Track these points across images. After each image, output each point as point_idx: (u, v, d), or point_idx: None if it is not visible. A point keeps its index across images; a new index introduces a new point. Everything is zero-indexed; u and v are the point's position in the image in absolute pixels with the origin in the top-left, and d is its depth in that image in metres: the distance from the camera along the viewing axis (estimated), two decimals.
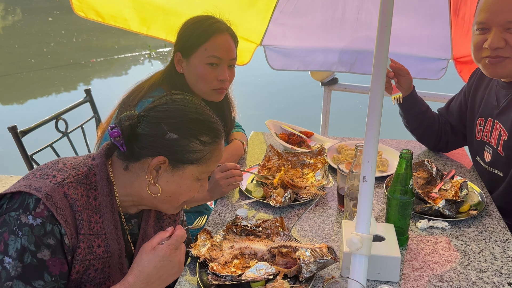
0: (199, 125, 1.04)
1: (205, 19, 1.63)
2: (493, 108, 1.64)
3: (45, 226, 0.93)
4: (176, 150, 1.01)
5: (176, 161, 1.02)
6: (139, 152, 1.03)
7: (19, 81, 7.66)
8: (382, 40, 1.11)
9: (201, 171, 1.06)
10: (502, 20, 1.44)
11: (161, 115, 1.03)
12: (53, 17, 13.26)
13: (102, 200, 1.04)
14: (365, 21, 2.36)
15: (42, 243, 0.93)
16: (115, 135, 1.01)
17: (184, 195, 1.07)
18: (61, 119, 2.02)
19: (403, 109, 1.86)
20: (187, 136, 1.02)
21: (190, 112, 1.04)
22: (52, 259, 0.94)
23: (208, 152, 1.05)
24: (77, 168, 1.03)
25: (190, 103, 1.06)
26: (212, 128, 1.05)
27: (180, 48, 1.63)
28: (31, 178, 0.99)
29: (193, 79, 1.64)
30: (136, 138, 1.02)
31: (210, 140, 1.04)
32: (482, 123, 1.69)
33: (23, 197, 0.94)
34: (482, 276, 1.25)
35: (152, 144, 1.01)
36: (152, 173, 1.03)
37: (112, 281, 1.07)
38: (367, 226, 1.11)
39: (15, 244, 0.91)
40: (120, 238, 1.08)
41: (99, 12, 1.97)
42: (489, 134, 1.64)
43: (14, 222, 0.92)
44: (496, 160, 1.61)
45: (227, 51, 1.62)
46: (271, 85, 7.26)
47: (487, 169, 1.68)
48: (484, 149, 1.68)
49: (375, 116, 1.13)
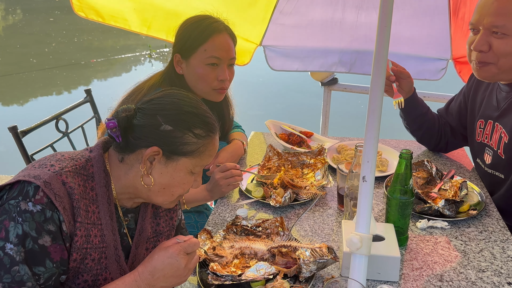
0: (193, 118, 1.06)
1: (203, 19, 1.63)
2: (494, 110, 1.63)
3: (45, 213, 0.94)
4: (170, 142, 1.03)
5: (170, 153, 1.04)
6: (134, 143, 1.05)
7: (21, 81, 7.66)
8: (382, 40, 1.11)
9: (195, 164, 1.07)
10: (488, 23, 1.44)
11: (157, 107, 1.05)
12: (54, 17, 13.26)
13: (98, 191, 1.06)
14: (365, 21, 2.36)
15: (43, 229, 0.94)
16: (112, 126, 1.03)
17: (177, 188, 1.08)
18: (61, 119, 2.03)
19: (404, 112, 1.87)
20: (181, 128, 1.04)
21: (185, 105, 1.06)
22: (53, 245, 0.96)
23: (202, 145, 1.06)
24: (75, 159, 1.05)
25: (185, 97, 1.09)
26: (206, 122, 1.07)
27: (179, 50, 1.63)
28: (29, 168, 1.01)
29: (193, 80, 1.64)
30: (131, 129, 1.05)
31: (204, 133, 1.06)
32: (482, 125, 1.68)
33: (22, 185, 0.96)
34: (481, 276, 1.25)
35: (147, 135, 1.04)
36: (146, 163, 1.04)
37: (108, 273, 1.08)
38: (367, 226, 1.12)
39: (15, 230, 0.92)
40: (115, 229, 1.09)
41: (99, 12, 1.97)
42: (489, 136, 1.63)
43: (13, 209, 0.93)
44: (497, 162, 1.60)
45: (226, 51, 1.62)
46: (271, 85, 7.26)
47: (487, 171, 1.67)
48: (484, 151, 1.67)
49: (375, 116, 1.13)
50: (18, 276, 0.91)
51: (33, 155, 1.86)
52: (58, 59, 8.99)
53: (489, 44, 1.45)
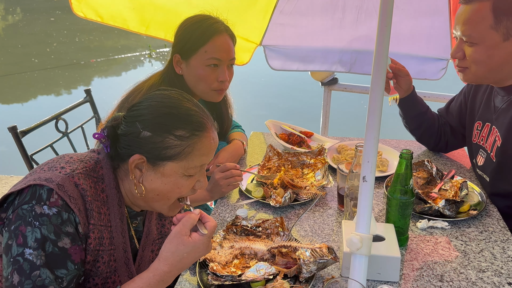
0: (172, 119, 1.02)
1: (203, 19, 1.62)
2: (491, 113, 1.64)
3: (62, 215, 0.93)
4: (152, 148, 1.01)
5: (154, 159, 1.02)
6: (121, 153, 1.04)
7: (23, 81, 7.66)
8: (382, 40, 1.11)
9: (185, 166, 1.03)
10: (459, 33, 1.50)
11: (135, 114, 1.03)
12: (55, 17, 13.26)
13: (109, 192, 1.05)
14: (365, 21, 2.36)
15: (62, 232, 0.93)
16: (98, 137, 1.03)
17: (172, 192, 1.05)
18: (61, 119, 2.03)
19: (403, 110, 1.87)
20: (159, 132, 1.01)
21: (162, 107, 1.03)
22: (73, 246, 0.95)
23: (187, 146, 1.02)
24: (84, 161, 1.04)
25: (164, 97, 1.04)
26: (189, 121, 1.02)
27: (179, 50, 1.63)
28: (38, 172, 0.99)
29: (193, 81, 1.64)
30: (117, 139, 1.04)
31: (188, 133, 1.02)
32: (479, 127, 1.69)
33: (33, 189, 0.95)
34: (482, 276, 1.25)
35: (129, 144, 1.02)
36: (134, 172, 1.03)
37: (117, 275, 1.08)
38: (367, 226, 1.12)
39: (33, 234, 0.91)
40: (125, 232, 1.08)
41: (98, 12, 1.97)
42: (485, 138, 1.64)
43: (28, 214, 0.92)
44: (487, 165, 1.61)
45: (226, 52, 1.62)
46: (271, 85, 7.26)
47: (478, 172, 1.69)
48: (478, 152, 1.68)
49: (375, 116, 1.13)
50: (39, 280, 0.89)
51: (32, 155, 1.86)
52: (60, 59, 8.99)
53: (463, 51, 1.52)
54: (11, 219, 0.94)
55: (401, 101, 1.84)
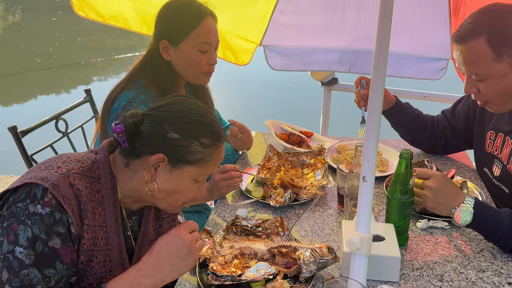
0: (200, 127, 1.05)
1: (187, 3, 1.60)
2: (505, 124, 1.58)
3: (54, 215, 0.94)
4: (176, 150, 1.03)
5: (175, 160, 1.04)
6: (140, 149, 1.04)
7: (24, 81, 7.66)
8: (382, 40, 1.11)
9: (199, 172, 1.07)
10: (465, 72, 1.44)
11: (165, 115, 1.05)
12: (56, 17, 13.26)
13: (105, 193, 1.05)
14: (365, 21, 2.36)
15: (53, 232, 0.94)
16: (118, 131, 1.03)
17: (181, 195, 1.08)
18: (61, 119, 2.03)
19: (388, 120, 1.86)
20: (188, 136, 1.04)
21: (193, 114, 1.06)
22: (63, 247, 0.96)
23: (208, 154, 1.06)
24: (81, 161, 1.05)
25: (193, 105, 1.08)
26: (213, 132, 1.07)
27: (167, 36, 1.60)
28: (35, 170, 1.00)
29: (184, 66, 1.63)
30: (138, 135, 1.05)
31: (211, 143, 1.06)
32: (492, 137, 1.64)
33: (29, 187, 0.95)
34: (482, 276, 1.25)
35: (153, 142, 1.03)
36: (150, 170, 1.04)
37: (113, 275, 1.08)
38: (367, 226, 1.12)
39: (25, 233, 0.92)
40: (120, 232, 1.09)
41: (100, 12, 1.97)
42: (500, 149, 1.59)
43: (22, 212, 0.93)
44: (505, 176, 1.56)
45: (214, 35, 1.64)
46: (271, 85, 7.26)
47: (495, 183, 1.63)
48: (493, 162, 1.63)
49: (375, 116, 1.13)
50: (27, 279, 0.90)
51: (32, 155, 1.86)
52: (63, 59, 8.99)
53: (476, 87, 1.45)
54: (5, 216, 0.95)
55: (384, 113, 1.84)
